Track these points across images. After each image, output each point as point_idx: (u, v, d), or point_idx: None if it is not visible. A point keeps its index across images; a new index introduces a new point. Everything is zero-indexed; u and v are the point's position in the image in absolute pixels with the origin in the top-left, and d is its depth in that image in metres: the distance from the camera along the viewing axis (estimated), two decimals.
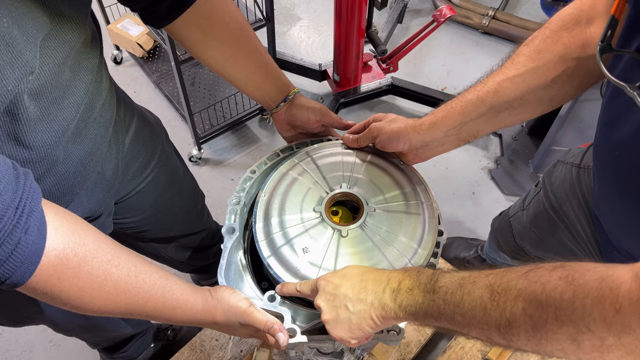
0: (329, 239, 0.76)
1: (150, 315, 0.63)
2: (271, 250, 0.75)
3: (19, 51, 0.51)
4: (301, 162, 0.86)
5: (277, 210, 0.79)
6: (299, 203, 0.81)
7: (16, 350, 1.62)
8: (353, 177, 0.84)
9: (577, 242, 1.01)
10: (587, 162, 0.98)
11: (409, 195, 0.82)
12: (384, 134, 0.83)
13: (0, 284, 0.50)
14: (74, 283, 0.54)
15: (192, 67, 2.28)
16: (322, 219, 0.78)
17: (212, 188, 1.97)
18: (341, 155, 0.88)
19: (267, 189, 0.82)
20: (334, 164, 0.87)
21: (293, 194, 0.82)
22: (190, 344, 1.15)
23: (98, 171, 0.80)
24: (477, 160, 2.11)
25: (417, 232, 0.77)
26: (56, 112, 0.64)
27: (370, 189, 0.83)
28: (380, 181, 0.84)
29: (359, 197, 0.81)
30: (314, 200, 0.81)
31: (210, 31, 0.82)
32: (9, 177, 0.49)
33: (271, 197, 0.81)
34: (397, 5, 2.47)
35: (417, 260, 0.74)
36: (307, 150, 0.89)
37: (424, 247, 0.75)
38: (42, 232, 0.51)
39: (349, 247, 0.76)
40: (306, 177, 0.84)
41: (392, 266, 0.73)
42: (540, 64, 0.71)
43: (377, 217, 0.79)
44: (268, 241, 0.76)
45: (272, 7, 1.83)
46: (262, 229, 0.78)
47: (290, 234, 0.77)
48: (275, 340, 0.70)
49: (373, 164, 0.87)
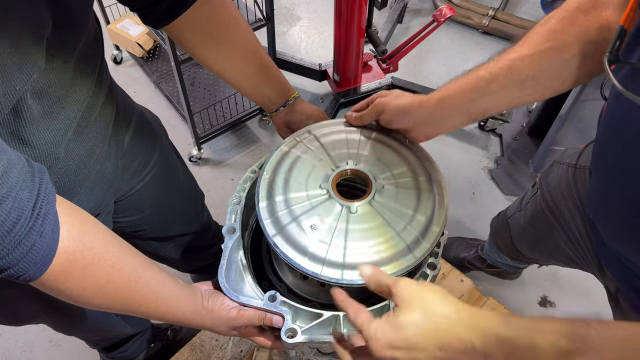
0: (337, 216, 0.74)
1: (142, 315, 0.66)
2: (277, 229, 0.72)
3: (28, 52, 0.52)
4: (303, 141, 0.84)
5: (282, 189, 0.76)
6: (304, 181, 0.78)
7: (16, 350, 1.62)
8: (359, 154, 0.82)
9: (572, 244, 1.01)
10: (583, 162, 0.97)
11: (417, 171, 0.79)
12: (389, 109, 0.80)
13: (13, 279, 0.52)
14: (78, 283, 0.56)
15: (192, 67, 2.28)
16: (330, 195, 0.76)
17: (212, 188, 1.97)
18: (345, 132, 0.85)
19: (268, 168, 0.79)
20: (338, 141, 0.84)
21: (297, 171, 0.79)
22: (190, 344, 1.15)
23: (98, 169, 0.80)
24: (477, 160, 2.11)
25: (428, 208, 0.75)
26: (59, 110, 0.64)
27: (377, 166, 0.80)
28: (387, 158, 0.81)
29: (367, 174, 0.78)
30: (320, 177, 0.78)
31: (209, 32, 0.82)
32: (25, 175, 0.50)
33: (274, 176, 0.78)
34: (397, 5, 2.47)
35: (430, 237, 0.72)
36: (308, 129, 0.86)
37: (436, 223, 0.73)
38: (55, 234, 0.52)
39: (359, 223, 0.73)
40: (310, 154, 0.82)
41: (404, 242, 0.71)
42: (556, 44, 0.69)
43: (386, 193, 0.76)
44: (273, 220, 0.73)
45: (272, 7, 1.83)
46: (265, 207, 0.75)
47: (297, 212, 0.74)
48: (268, 337, 0.72)
49: (378, 141, 0.84)
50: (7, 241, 0.48)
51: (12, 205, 0.48)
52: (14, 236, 0.48)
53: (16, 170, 0.49)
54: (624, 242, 0.76)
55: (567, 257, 1.06)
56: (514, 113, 2.13)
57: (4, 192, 0.47)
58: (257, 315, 0.71)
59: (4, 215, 0.47)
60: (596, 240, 0.88)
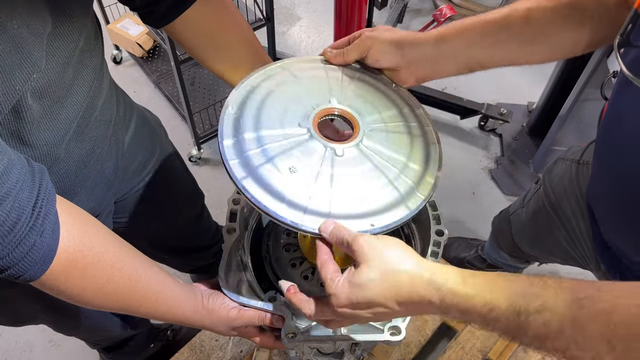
0: (320, 159, 0.62)
1: (142, 314, 0.66)
2: (246, 171, 0.60)
3: (28, 52, 0.52)
4: (276, 75, 0.71)
5: (251, 125, 0.63)
6: (279, 117, 0.65)
7: (16, 350, 1.62)
8: (342, 94, 0.70)
9: (572, 241, 1.01)
10: (586, 157, 0.98)
11: (407, 116, 0.71)
12: (379, 43, 0.70)
13: (14, 279, 0.52)
14: (78, 282, 0.56)
15: (192, 66, 2.28)
16: (311, 135, 0.64)
17: (212, 188, 1.97)
18: (324, 70, 0.73)
19: (233, 101, 0.65)
20: (318, 77, 0.72)
21: (270, 106, 0.66)
22: (190, 344, 1.15)
23: (98, 170, 0.80)
24: (477, 160, 2.11)
25: (421, 156, 0.67)
26: (59, 110, 0.64)
27: (363, 107, 0.69)
28: (375, 99, 0.71)
29: (353, 114, 0.68)
30: (298, 115, 0.66)
31: (209, 33, 0.82)
32: (25, 175, 0.50)
33: (241, 112, 0.64)
34: (397, 5, 2.47)
35: (424, 189, 0.64)
36: (281, 64, 0.73)
37: (430, 174, 0.65)
38: (55, 234, 0.52)
39: (346, 167, 0.63)
40: (284, 89, 0.69)
41: (397, 192, 0.63)
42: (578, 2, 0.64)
43: (375, 136, 0.67)
44: (242, 160, 0.60)
45: (272, 7, 1.83)
46: (232, 146, 0.61)
47: (271, 152, 0.61)
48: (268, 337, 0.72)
49: (363, 81, 0.73)
50: (7, 241, 0.48)
51: (12, 205, 0.48)
52: (14, 236, 0.48)
53: (16, 170, 0.49)
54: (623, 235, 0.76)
55: (567, 254, 1.06)
56: (514, 113, 2.13)
57: (4, 192, 0.47)
58: (257, 315, 0.71)
59: (4, 215, 0.47)
60: (595, 236, 0.89)
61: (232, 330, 0.74)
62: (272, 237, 0.89)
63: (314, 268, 0.84)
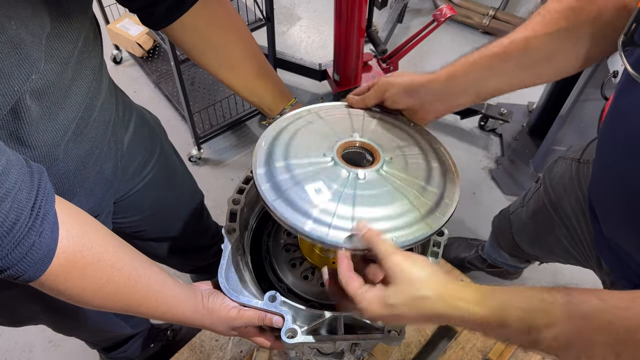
0: (344, 182, 0.68)
1: (142, 314, 0.66)
2: (277, 194, 0.66)
3: (27, 53, 0.52)
4: (304, 117, 0.79)
5: (282, 156, 0.71)
6: (306, 149, 0.72)
7: (16, 350, 1.62)
8: (364, 129, 0.77)
9: (573, 240, 1.01)
10: (587, 156, 0.98)
11: (425, 149, 0.76)
12: (395, 87, 0.77)
13: (13, 280, 0.52)
14: (78, 283, 0.56)
15: (191, 67, 2.28)
16: (335, 162, 0.70)
17: (211, 188, 1.97)
18: (347, 112, 0.82)
19: (265, 139, 0.74)
20: (341, 117, 0.80)
21: (298, 141, 0.73)
22: (190, 344, 1.15)
23: (97, 170, 0.80)
24: (477, 160, 2.11)
25: (440, 182, 0.71)
26: (58, 111, 0.64)
27: (384, 141, 0.75)
28: (394, 134, 0.77)
29: (374, 146, 0.74)
30: (323, 147, 0.72)
31: (208, 36, 0.82)
32: (23, 176, 0.50)
33: (272, 146, 0.72)
34: (397, 4, 2.47)
35: (444, 210, 0.68)
36: (308, 108, 0.82)
37: (448, 197, 0.70)
38: (54, 234, 0.52)
39: (368, 189, 0.68)
40: (311, 128, 0.76)
41: (416, 209, 0.67)
42: (574, 24, 0.67)
43: (395, 164, 0.72)
44: (272, 184, 0.67)
45: (272, 6, 1.83)
46: (264, 174, 0.69)
47: (299, 177, 0.68)
48: (267, 337, 0.73)
49: (383, 120, 0.80)
50: (6, 242, 0.48)
51: (11, 206, 0.48)
52: (13, 236, 0.48)
53: (15, 171, 0.49)
54: (623, 235, 0.76)
55: (567, 253, 1.06)
56: (514, 113, 2.13)
57: (2, 193, 0.47)
58: (257, 315, 0.71)
59: (2, 216, 0.47)
60: (595, 233, 0.89)
61: (232, 330, 0.74)
62: (272, 237, 0.89)
63: (314, 268, 0.84)
